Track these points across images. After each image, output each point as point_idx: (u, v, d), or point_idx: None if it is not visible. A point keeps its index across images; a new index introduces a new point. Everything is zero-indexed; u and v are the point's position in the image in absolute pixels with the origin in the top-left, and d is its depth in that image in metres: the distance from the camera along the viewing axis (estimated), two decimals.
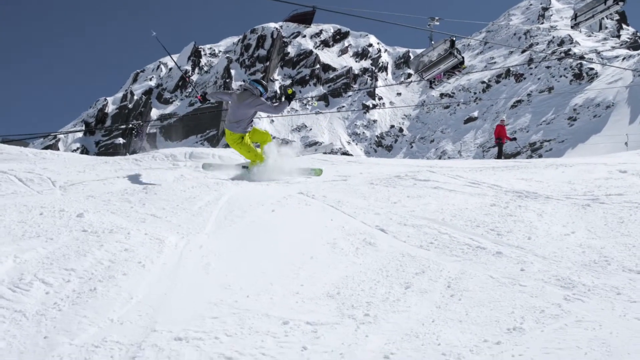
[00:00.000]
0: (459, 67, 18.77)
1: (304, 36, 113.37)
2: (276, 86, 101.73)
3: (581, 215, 5.86)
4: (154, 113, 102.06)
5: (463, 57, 18.80)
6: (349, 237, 5.32)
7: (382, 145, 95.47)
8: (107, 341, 3.40)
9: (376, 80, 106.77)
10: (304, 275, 4.44)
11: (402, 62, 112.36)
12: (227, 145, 10.59)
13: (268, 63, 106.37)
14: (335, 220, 5.86)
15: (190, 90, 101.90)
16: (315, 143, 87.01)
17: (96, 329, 3.54)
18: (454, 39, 18.28)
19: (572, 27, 18.81)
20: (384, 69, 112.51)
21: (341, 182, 7.87)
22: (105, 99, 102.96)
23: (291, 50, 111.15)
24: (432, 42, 18.88)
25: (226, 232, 5.52)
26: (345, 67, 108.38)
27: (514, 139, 23.94)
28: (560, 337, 3.31)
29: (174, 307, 3.82)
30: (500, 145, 21.90)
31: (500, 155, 22.07)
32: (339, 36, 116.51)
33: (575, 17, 18.39)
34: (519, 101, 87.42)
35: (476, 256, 4.72)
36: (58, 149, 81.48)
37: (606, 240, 4.95)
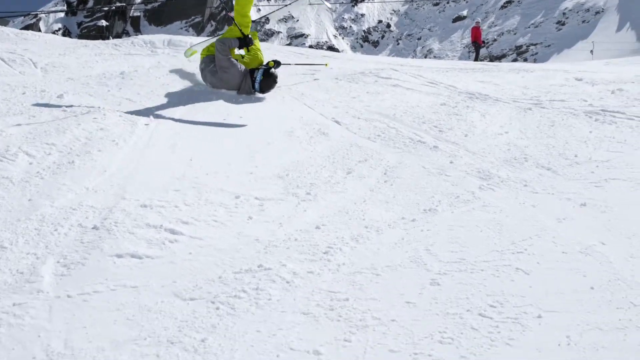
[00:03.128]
0: None
1: None
2: None
3: (520, 117, 6.41)
4: None
5: None
6: (306, 126, 5.88)
7: (369, 41, 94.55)
8: (83, 205, 3.99)
9: None
10: (259, 158, 5.02)
11: None
12: (211, 33, 10.83)
13: None
14: (295, 112, 6.38)
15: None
16: (302, 35, 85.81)
17: (74, 195, 4.13)
18: None
19: None
20: None
21: (309, 76, 8.32)
22: None
23: None
24: None
25: (194, 118, 6.05)
26: None
27: (484, 43, 24.12)
28: (465, 218, 3.94)
29: (142, 180, 4.40)
30: (477, 47, 22.15)
31: (477, 57, 22.37)
32: None
33: None
34: (509, 2, 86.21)
35: (415, 149, 5.31)
36: (39, 30, 79.72)
37: (532, 140, 5.53)
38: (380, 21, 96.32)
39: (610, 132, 5.68)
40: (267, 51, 9.39)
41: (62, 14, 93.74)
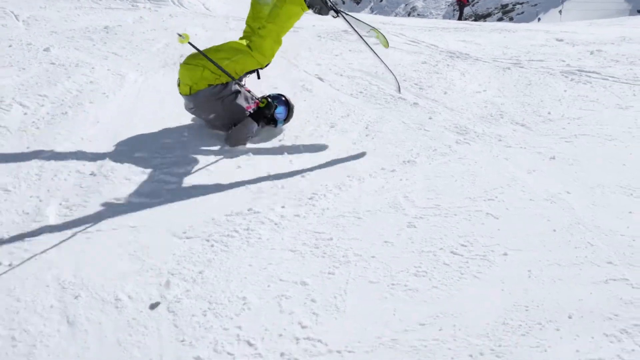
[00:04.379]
0: None
1: None
2: None
3: (499, 76, 6.65)
4: None
5: None
6: (290, 83, 6.07)
7: None
8: (79, 154, 4.20)
9: None
10: None
11: None
12: None
13: None
14: (278, 69, 6.56)
15: None
16: None
17: (69, 144, 4.33)
18: None
19: None
20: None
21: (292, 33, 8.46)
22: None
23: None
24: None
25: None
26: None
27: (469, 1, 24.19)
28: (442, 169, 4.20)
29: (134, 131, 4.60)
30: (462, 5, 22.25)
31: (461, 16, 22.48)
32: None
33: None
34: None
35: (396, 105, 5.54)
36: None
37: (509, 98, 5.79)
38: None
39: (585, 91, 5.94)
40: None
41: None
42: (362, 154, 4.46)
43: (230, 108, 4.55)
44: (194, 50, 4.31)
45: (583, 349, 2.47)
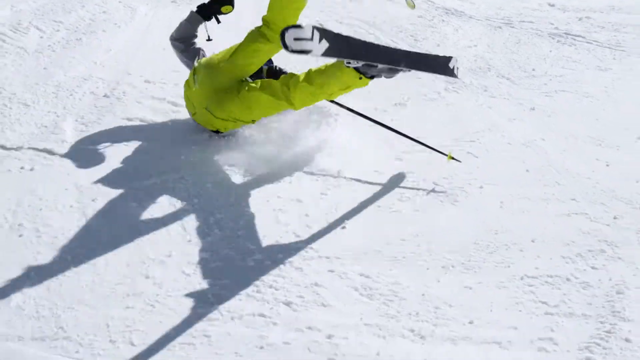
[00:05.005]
0: None
1: None
2: None
3: (490, 34, 6.91)
4: None
5: None
6: None
7: None
8: (93, 77, 4.48)
9: None
10: None
11: None
12: None
13: None
14: None
15: None
16: None
17: (83, 67, 4.60)
18: None
19: None
20: None
21: None
22: None
23: None
24: None
25: (189, 8, 6.43)
26: None
27: None
28: (429, 113, 4.52)
29: (145, 60, 4.86)
30: None
31: None
32: None
33: None
34: None
35: None
36: None
37: (497, 54, 6.07)
38: None
39: (569, 52, 6.23)
40: None
41: None
42: (356, 95, 4.76)
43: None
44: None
45: (542, 266, 2.84)
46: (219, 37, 4.18)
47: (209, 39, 4.17)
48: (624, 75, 5.53)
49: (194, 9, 4.14)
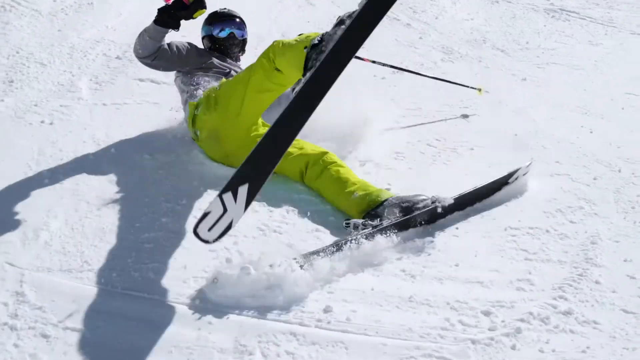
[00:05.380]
0: None
1: None
2: None
3: (487, 8, 7.09)
4: None
5: None
6: None
7: None
8: (105, 39, 4.70)
9: None
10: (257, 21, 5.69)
11: None
12: None
13: None
14: None
15: None
16: None
17: (96, 30, 4.82)
18: None
19: None
20: None
21: None
22: None
23: None
24: None
25: None
26: None
27: None
28: (426, 80, 4.74)
29: None
30: None
31: None
32: None
33: None
34: None
35: (390, 24, 6.02)
36: None
37: (493, 27, 6.28)
38: None
39: (562, 27, 6.44)
40: None
41: None
42: (356, 63, 4.98)
43: None
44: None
45: (524, 219, 3.07)
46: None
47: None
48: (614, 50, 5.76)
49: (156, 19, 3.51)
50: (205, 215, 2.35)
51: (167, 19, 3.44)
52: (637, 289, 2.55)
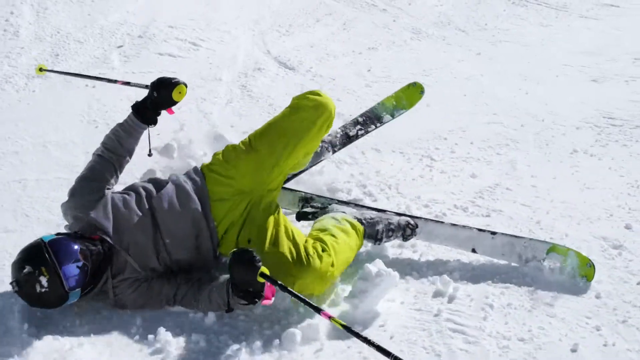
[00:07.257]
0: None
1: None
2: None
3: None
4: None
5: None
6: None
7: None
8: (128, 22, 5.63)
9: None
10: (248, 6, 6.63)
11: None
12: None
13: None
14: None
15: None
16: None
17: (119, 15, 5.76)
18: None
19: None
20: None
21: None
22: None
23: None
24: None
25: None
26: None
27: None
28: (396, 55, 5.70)
29: (168, 9, 6.04)
30: None
31: None
32: None
33: None
34: None
35: (368, 9, 6.95)
36: None
37: (458, 12, 7.14)
38: None
39: (519, 12, 7.37)
40: None
41: None
42: (338, 41, 5.93)
43: None
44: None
45: (461, 151, 4.04)
46: None
47: (150, 154, 3.08)
48: (562, 31, 6.72)
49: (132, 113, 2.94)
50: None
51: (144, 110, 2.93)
52: (535, 191, 3.52)
